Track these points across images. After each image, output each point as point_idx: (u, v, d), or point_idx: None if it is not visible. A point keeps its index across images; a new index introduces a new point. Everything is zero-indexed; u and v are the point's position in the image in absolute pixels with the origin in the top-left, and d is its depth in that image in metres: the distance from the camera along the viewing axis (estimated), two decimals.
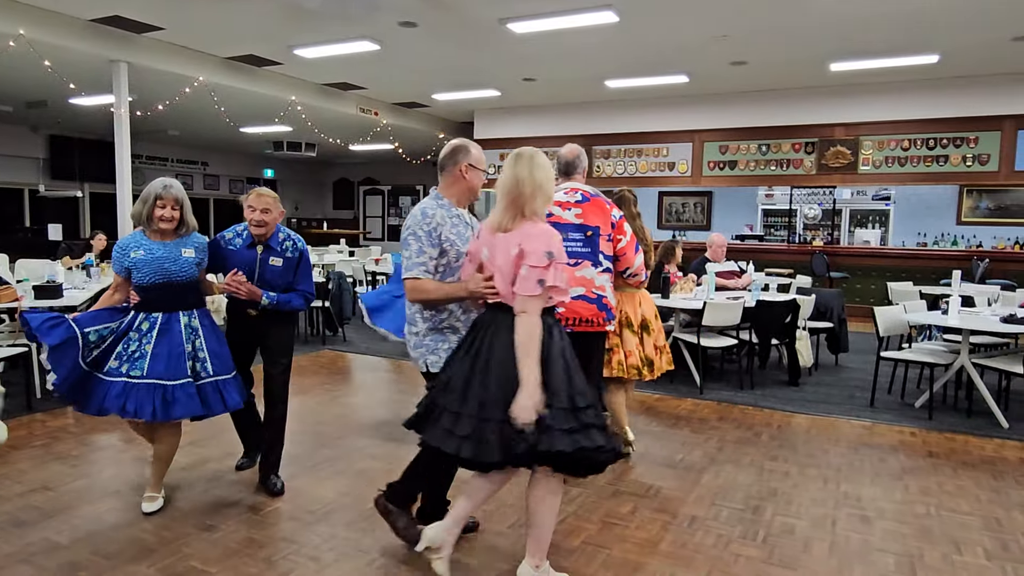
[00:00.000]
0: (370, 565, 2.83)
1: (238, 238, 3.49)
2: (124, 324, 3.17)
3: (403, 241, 2.74)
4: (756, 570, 2.84)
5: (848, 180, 10.48)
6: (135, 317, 3.18)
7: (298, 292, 3.53)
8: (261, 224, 3.41)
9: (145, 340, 3.13)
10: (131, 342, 3.13)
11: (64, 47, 7.48)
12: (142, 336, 3.14)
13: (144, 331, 3.15)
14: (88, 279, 6.43)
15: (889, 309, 5.64)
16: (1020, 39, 7.57)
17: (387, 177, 18.62)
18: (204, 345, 3.25)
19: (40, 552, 2.89)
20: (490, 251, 2.52)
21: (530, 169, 2.52)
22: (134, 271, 3.16)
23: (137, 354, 3.11)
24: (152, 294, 3.17)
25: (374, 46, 8.16)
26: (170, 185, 3.19)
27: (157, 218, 3.17)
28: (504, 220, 2.49)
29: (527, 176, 2.50)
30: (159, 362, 3.10)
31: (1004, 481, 3.88)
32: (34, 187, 13.70)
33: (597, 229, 3.53)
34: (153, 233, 3.21)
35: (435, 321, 2.77)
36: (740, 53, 8.41)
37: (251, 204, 3.43)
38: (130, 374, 3.07)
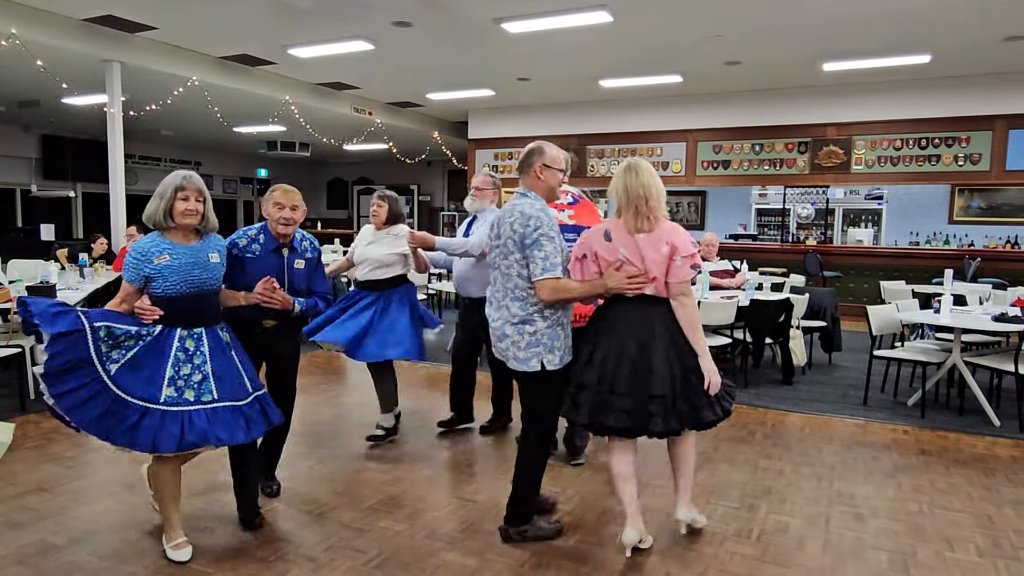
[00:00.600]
0: (367, 565, 2.84)
1: (255, 243, 3.18)
2: (154, 339, 2.72)
3: (533, 243, 2.78)
4: (750, 568, 2.86)
5: (841, 179, 10.53)
6: (170, 334, 2.74)
7: (318, 294, 3.34)
8: (289, 223, 3.17)
9: (199, 359, 2.76)
10: (181, 364, 2.72)
11: (57, 46, 7.45)
12: (191, 356, 2.75)
13: (192, 350, 2.76)
14: (82, 279, 6.40)
15: (882, 308, 5.67)
16: (1011, 39, 7.62)
17: (381, 177, 18.59)
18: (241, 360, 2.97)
19: (36, 553, 2.88)
20: (629, 250, 2.80)
21: (650, 178, 2.88)
22: (158, 280, 2.73)
23: (198, 376, 2.74)
24: (181, 306, 2.76)
25: (368, 46, 8.15)
26: (190, 176, 2.83)
27: (181, 212, 2.76)
28: (641, 223, 2.82)
29: (650, 184, 2.86)
30: (225, 383, 2.79)
31: (995, 479, 3.92)
32: (26, 187, 13.63)
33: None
34: (174, 234, 2.80)
35: (554, 319, 2.88)
36: (733, 53, 8.44)
37: (278, 201, 3.17)
38: (202, 400, 2.71)
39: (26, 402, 4.97)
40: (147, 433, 2.59)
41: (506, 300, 2.90)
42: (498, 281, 2.96)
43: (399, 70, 9.53)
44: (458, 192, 16.92)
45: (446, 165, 16.50)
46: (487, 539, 3.09)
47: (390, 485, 3.68)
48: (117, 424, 2.59)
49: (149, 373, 2.66)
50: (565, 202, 3.66)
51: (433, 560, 2.88)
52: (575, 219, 3.56)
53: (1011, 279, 8.94)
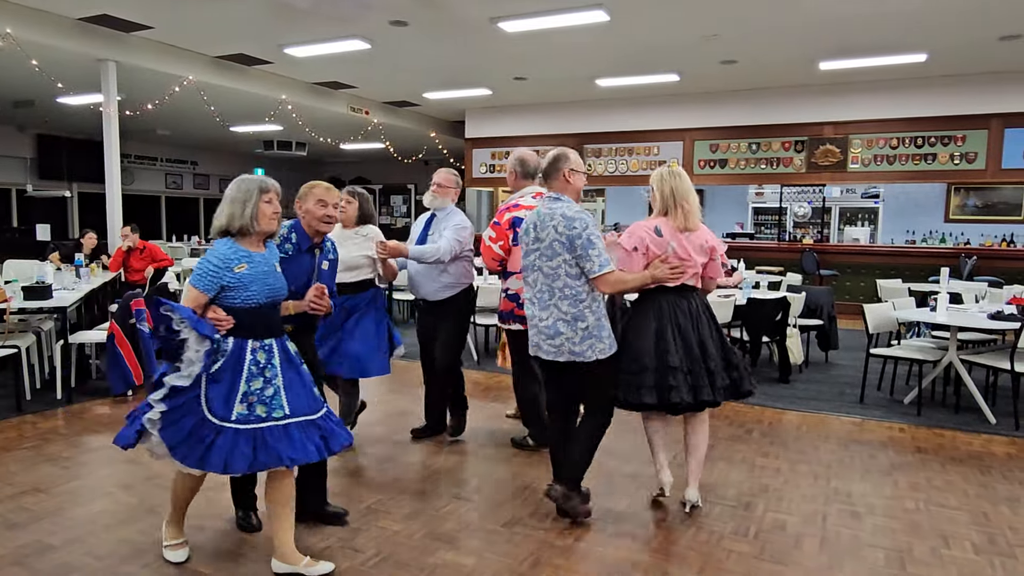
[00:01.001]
0: (364, 564, 2.83)
1: (287, 243, 3.02)
2: (231, 352, 2.56)
3: (586, 242, 2.98)
4: (748, 566, 2.87)
5: (837, 178, 10.56)
6: (243, 347, 2.57)
7: (333, 296, 3.14)
8: (332, 222, 3.06)
9: (270, 373, 2.60)
10: (254, 378, 2.56)
11: (52, 46, 7.43)
12: (263, 369, 2.59)
13: (263, 363, 2.60)
14: (78, 280, 6.39)
15: (878, 306, 5.68)
16: (1007, 38, 7.64)
17: (378, 176, 18.59)
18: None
19: (32, 554, 2.87)
20: (678, 245, 3.19)
21: (691, 183, 3.32)
22: (237, 290, 2.55)
23: (270, 391, 2.58)
24: (256, 318, 2.60)
25: (365, 45, 8.14)
26: (266, 178, 2.71)
27: (269, 217, 2.62)
28: (691, 223, 3.24)
29: (692, 189, 3.30)
30: (299, 397, 2.64)
31: (991, 476, 3.93)
32: (22, 187, 13.60)
33: None
34: (249, 241, 2.63)
35: (600, 313, 3.12)
36: (730, 52, 8.45)
37: (321, 199, 3.03)
38: (273, 416, 2.55)
39: (22, 403, 4.96)
40: (219, 454, 2.45)
41: (554, 300, 3.08)
42: (540, 283, 3.12)
43: (396, 69, 9.52)
44: None
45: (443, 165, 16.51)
46: (485, 538, 3.09)
47: (387, 485, 3.68)
48: (196, 444, 2.46)
49: (226, 389, 2.52)
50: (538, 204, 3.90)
51: (431, 559, 2.88)
52: None
53: (1007, 277, 8.97)
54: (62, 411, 4.94)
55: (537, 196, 3.85)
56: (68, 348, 5.24)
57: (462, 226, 4.11)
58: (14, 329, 5.31)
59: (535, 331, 3.16)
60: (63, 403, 5.10)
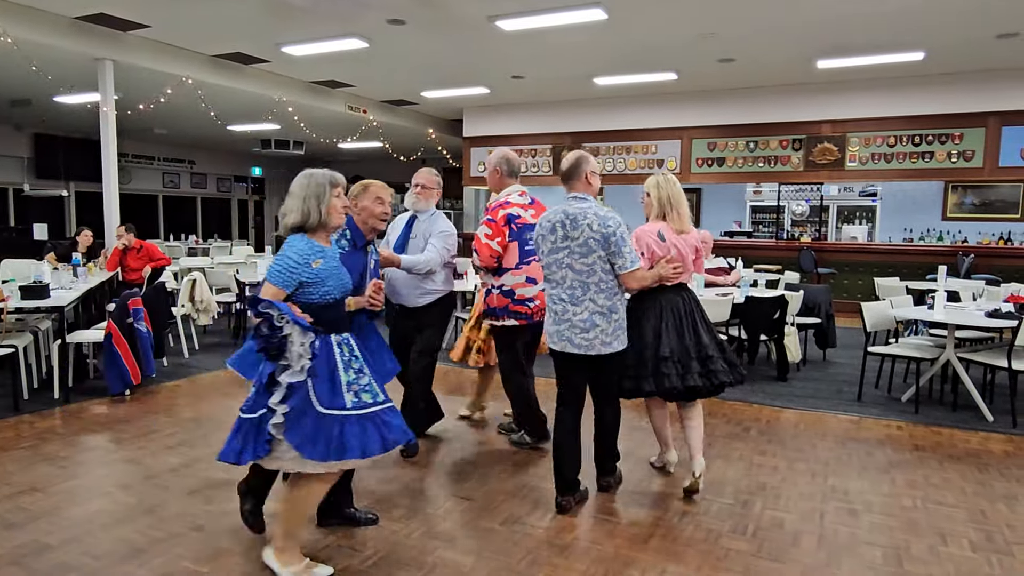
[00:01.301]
0: (363, 563, 2.83)
1: (342, 239, 3.07)
2: (319, 348, 2.55)
3: (620, 239, 3.17)
4: (746, 564, 2.87)
5: (835, 176, 10.56)
6: (327, 342, 2.57)
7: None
8: (388, 219, 3.16)
9: (356, 364, 2.64)
10: (349, 369, 2.60)
11: (49, 45, 7.41)
12: (350, 361, 2.62)
13: (348, 355, 2.63)
14: (75, 279, 6.37)
15: (876, 304, 5.69)
16: (1004, 36, 7.65)
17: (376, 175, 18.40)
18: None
19: (30, 554, 2.87)
20: (677, 246, 3.49)
21: (681, 189, 3.67)
22: (314, 286, 2.55)
23: (365, 379, 2.63)
24: (333, 312, 2.62)
25: (362, 44, 8.13)
26: (333, 171, 2.73)
27: (339, 211, 2.65)
28: (685, 225, 3.56)
29: (683, 194, 3.64)
30: (379, 385, 2.69)
31: (989, 473, 3.94)
32: (19, 186, 13.57)
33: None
34: (320, 236, 2.64)
35: (624, 306, 3.35)
36: (728, 51, 8.45)
37: (380, 196, 3.14)
38: (378, 401, 2.61)
39: (20, 402, 4.95)
40: (353, 440, 2.46)
41: (589, 295, 3.24)
42: (569, 279, 3.26)
43: (394, 68, 9.51)
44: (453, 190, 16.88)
45: (441, 163, 16.49)
46: (483, 537, 3.09)
47: (386, 484, 3.68)
48: (326, 438, 2.44)
49: (329, 382, 2.52)
50: (526, 202, 4.04)
51: (430, 558, 2.88)
52: (535, 218, 3.76)
53: (1004, 275, 8.99)
54: (59, 411, 4.93)
55: (522, 195, 4.05)
56: (65, 348, 5.23)
57: (448, 232, 4.07)
58: (11, 329, 5.31)
59: (566, 326, 3.26)
60: (60, 403, 5.09)
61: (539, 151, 12.42)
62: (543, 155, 12.41)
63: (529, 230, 3.87)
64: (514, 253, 3.96)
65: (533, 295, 3.95)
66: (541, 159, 12.43)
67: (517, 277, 3.96)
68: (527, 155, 12.46)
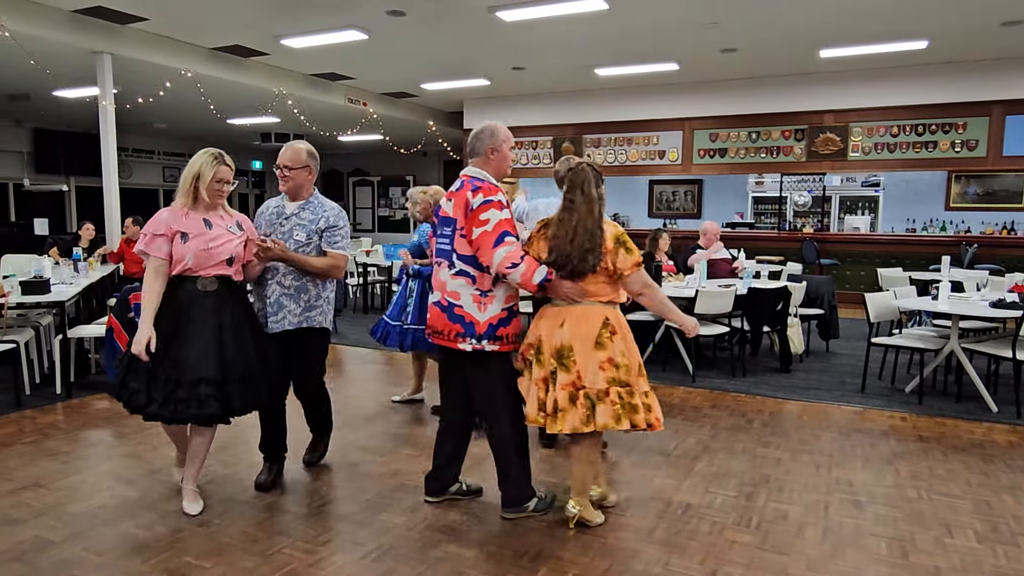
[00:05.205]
0: (365, 558, 2.83)
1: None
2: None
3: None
4: (750, 556, 2.86)
5: (838, 167, 10.51)
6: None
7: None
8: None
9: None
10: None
11: (47, 39, 7.37)
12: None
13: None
14: (76, 274, 6.36)
15: (879, 295, 5.67)
16: (1008, 24, 7.58)
17: (376, 168, 18.52)
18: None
19: (32, 550, 2.87)
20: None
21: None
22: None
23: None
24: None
25: (361, 35, 8.08)
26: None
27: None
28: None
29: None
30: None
31: (994, 464, 3.92)
32: (18, 181, 13.52)
33: (455, 222, 3.05)
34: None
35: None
36: (730, 40, 8.39)
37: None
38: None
39: (21, 398, 4.95)
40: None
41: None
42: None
43: (393, 60, 9.47)
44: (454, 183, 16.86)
45: (442, 156, 16.43)
46: (487, 530, 3.08)
47: (389, 477, 3.67)
48: None
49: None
50: (454, 189, 3.19)
51: (433, 552, 2.87)
52: (452, 209, 3.12)
53: (1008, 265, 8.95)
54: (61, 406, 4.93)
55: (459, 179, 3.19)
56: (67, 343, 5.23)
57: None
58: (12, 324, 5.30)
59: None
60: (62, 398, 5.09)
61: (540, 143, 12.38)
62: (544, 147, 12.36)
63: (442, 224, 3.16)
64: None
65: (430, 304, 3.20)
66: (542, 151, 12.39)
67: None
68: (528, 147, 12.42)
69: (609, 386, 2.87)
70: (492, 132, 3.13)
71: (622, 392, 2.88)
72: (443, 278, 3.08)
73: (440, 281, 3.11)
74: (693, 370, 5.80)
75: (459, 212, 3.03)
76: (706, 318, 5.91)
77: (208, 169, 3.05)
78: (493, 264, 2.91)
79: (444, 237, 3.12)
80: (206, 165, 3.06)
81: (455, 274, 3.03)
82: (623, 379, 2.90)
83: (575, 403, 2.87)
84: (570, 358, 2.89)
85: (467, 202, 2.99)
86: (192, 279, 3.05)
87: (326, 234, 3.37)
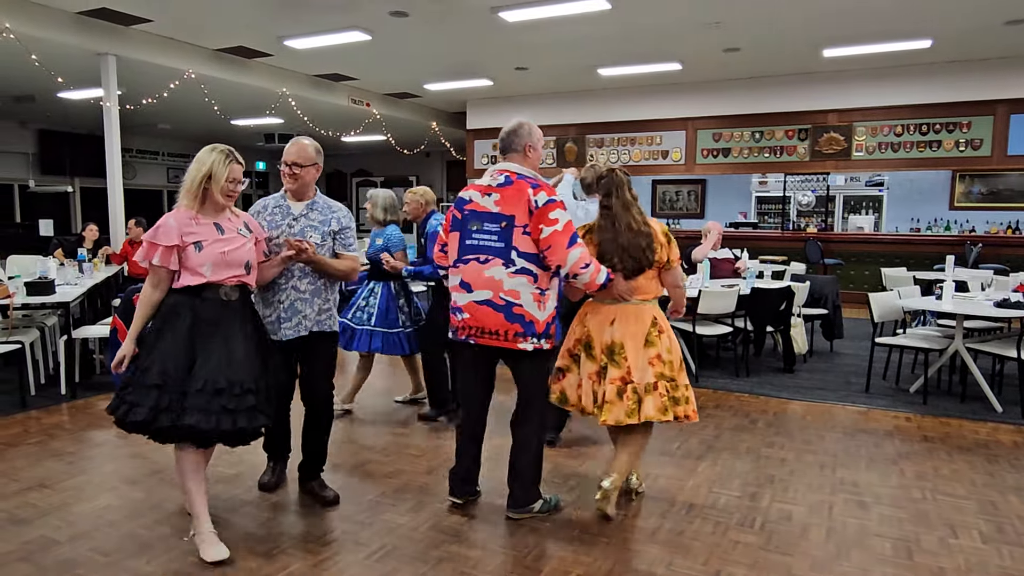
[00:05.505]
0: (369, 558, 2.83)
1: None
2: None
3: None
4: (754, 556, 2.86)
5: (841, 166, 10.49)
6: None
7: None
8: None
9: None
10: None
11: (51, 40, 7.40)
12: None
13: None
14: (80, 275, 6.38)
15: (883, 295, 5.66)
16: (1012, 23, 7.56)
17: (380, 168, 18.54)
18: None
19: (38, 550, 2.87)
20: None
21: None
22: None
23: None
24: None
25: (365, 36, 8.09)
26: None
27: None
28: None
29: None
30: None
31: (999, 465, 3.91)
32: (24, 182, 13.59)
33: (512, 219, 2.95)
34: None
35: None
36: (733, 40, 8.38)
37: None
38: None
39: (27, 398, 4.97)
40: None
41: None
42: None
43: (396, 60, 9.48)
44: (457, 183, 16.87)
45: (445, 156, 16.44)
46: (490, 530, 3.08)
47: (392, 478, 3.68)
48: None
49: None
50: (495, 184, 3.06)
51: (436, 552, 2.88)
52: (500, 204, 3.01)
53: (1012, 265, 8.92)
54: (66, 406, 4.95)
55: (496, 174, 3.10)
56: (72, 343, 5.25)
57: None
58: (18, 325, 5.32)
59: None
60: (67, 398, 5.10)
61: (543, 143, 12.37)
62: (547, 147, 12.36)
63: (481, 219, 3.02)
64: (454, 247, 3.12)
65: (461, 304, 3.05)
66: (545, 151, 12.39)
67: (453, 278, 3.11)
68: None
69: (657, 380, 3.06)
70: (530, 129, 3.14)
71: (668, 386, 3.08)
72: (497, 276, 2.95)
73: (489, 280, 2.96)
74: (696, 370, 5.79)
75: (518, 209, 2.95)
76: (709, 318, 5.90)
77: (222, 168, 2.77)
78: (567, 264, 2.91)
79: (488, 234, 2.98)
80: (219, 164, 2.78)
81: (514, 272, 2.94)
82: (669, 374, 3.09)
83: (622, 397, 3.04)
84: (621, 355, 3.06)
85: (529, 199, 2.94)
86: (214, 287, 2.77)
87: (339, 236, 3.24)
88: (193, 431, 2.63)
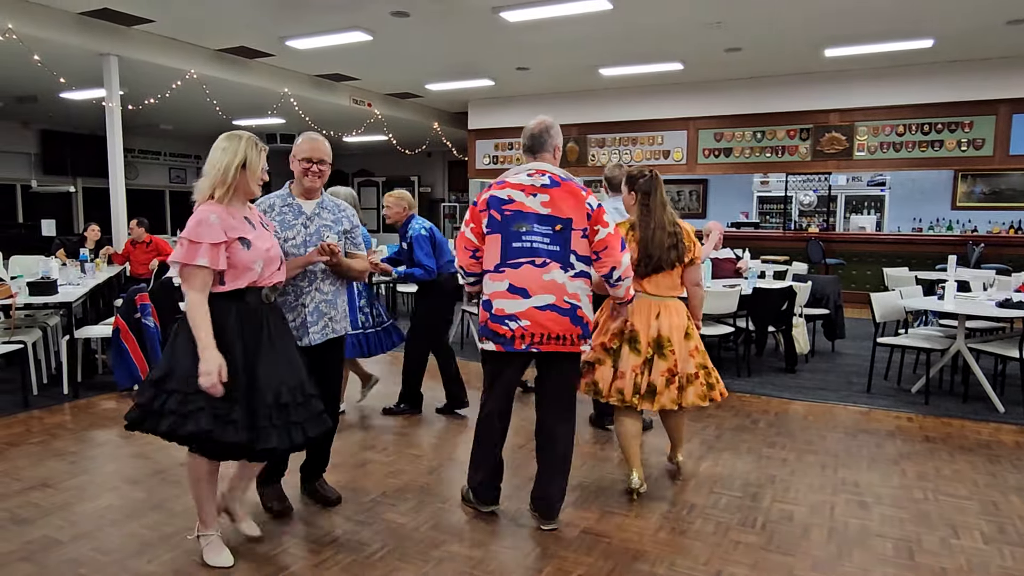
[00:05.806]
0: (370, 558, 2.83)
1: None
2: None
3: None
4: (755, 556, 2.86)
5: (843, 166, 10.48)
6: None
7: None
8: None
9: None
10: None
11: (53, 41, 7.41)
12: None
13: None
14: (83, 275, 6.39)
15: (885, 295, 5.65)
16: (1014, 23, 7.55)
17: (381, 168, 18.55)
18: None
19: (40, 549, 2.88)
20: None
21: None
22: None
23: None
24: None
25: (366, 36, 8.10)
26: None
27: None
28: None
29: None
30: None
31: (1000, 465, 3.91)
32: (26, 183, 13.61)
33: (569, 222, 2.91)
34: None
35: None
36: (734, 40, 8.38)
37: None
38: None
39: (29, 398, 4.97)
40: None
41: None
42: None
43: (397, 61, 9.48)
44: (458, 183, 16.87)
45: (446, 156, 16.45)
46: (491, 531, 3.09)
47: (393, 477, 3.68)
48: None
49: None
50: (539, 184, 2.98)
51: (437, 552, 2.88)
52: (549, 207, 2.94)
53: (1015, 264, 8.91)
54: (69, 406, 4.95)
55: (535, 174, 3.00)
56: (74, 343, 5.25)
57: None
58: (20, 325, 5.33)
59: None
60: (69, 398, 5.11)
61: None
62: None
63: (528, 220, 2.92)
64: (494, 249, 2.95)
65: (517, 311, 2.90)
66: None
67: (496, 283, 2.94)
68: None
69: (697, 370, 3.37)
70: (557, 130, 3.15)
71: (704, 375, 3.40)
72: (560, 280, 2.90)
73: (550, 284, 2.89)
74: None
75: (575, 212, 2.92)
76: (711, 318, 5.90)
77: (256, 156, 2.58)
78: (621, 266, 2.95)
79: (540, 236, 2.90)
80: (252, 151, 2.58)
81: (575, 276, 2.93)
82: (704, 363, 3.42)
83: (670, 386, 3.30)
84: (668, 347, 3.30)
85: (583, 201, 2.94)
86: (255, 289, 2.57)
87: (350, 235, 3.14)
88: (266, 451, 2.49)
